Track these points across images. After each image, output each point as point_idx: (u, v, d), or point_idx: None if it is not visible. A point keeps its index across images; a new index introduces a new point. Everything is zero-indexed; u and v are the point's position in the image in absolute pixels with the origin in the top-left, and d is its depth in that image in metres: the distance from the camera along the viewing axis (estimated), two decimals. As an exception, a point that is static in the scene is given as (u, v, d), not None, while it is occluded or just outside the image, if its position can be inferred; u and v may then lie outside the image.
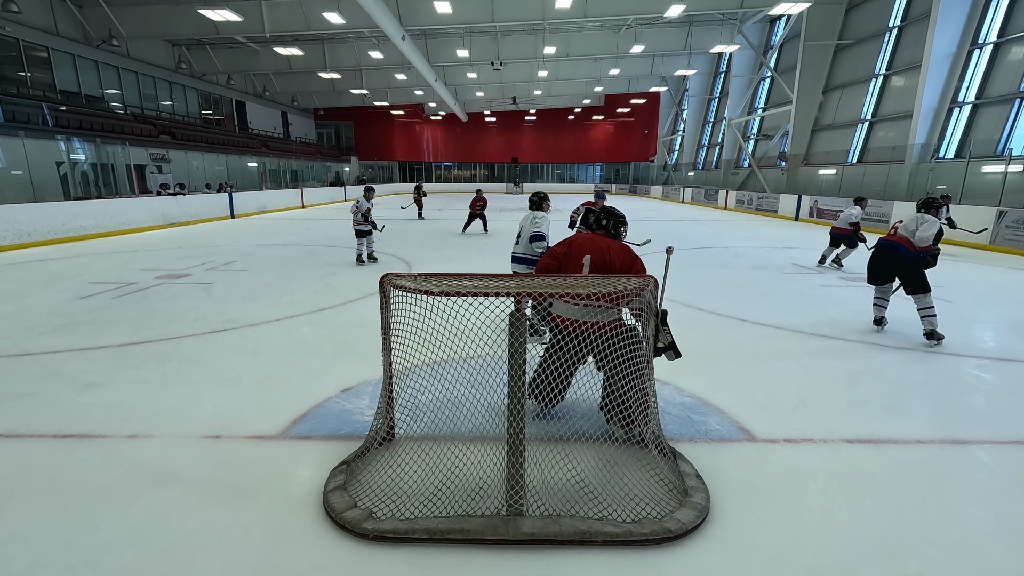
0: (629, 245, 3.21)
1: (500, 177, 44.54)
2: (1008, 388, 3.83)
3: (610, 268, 3.01)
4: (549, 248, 3.19)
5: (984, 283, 7.57)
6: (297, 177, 27.79)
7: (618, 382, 2.79)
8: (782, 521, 2.29)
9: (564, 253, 3.12)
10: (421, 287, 2.44)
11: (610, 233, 3.22)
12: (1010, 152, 12.60)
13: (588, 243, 3.10)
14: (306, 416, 3.23)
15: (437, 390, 3.05)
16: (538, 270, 3.16)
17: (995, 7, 13.82)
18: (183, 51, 24.21)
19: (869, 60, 18.15)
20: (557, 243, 3.19)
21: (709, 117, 31.86)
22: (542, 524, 2.19)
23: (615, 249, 3.06)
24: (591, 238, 3.13)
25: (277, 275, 7.79)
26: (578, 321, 2.86)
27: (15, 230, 10.32)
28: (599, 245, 3.07)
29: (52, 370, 4.00)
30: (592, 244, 3.08)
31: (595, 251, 3.05)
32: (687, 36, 23.79)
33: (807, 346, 4.70)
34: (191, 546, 2.11)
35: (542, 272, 3.11)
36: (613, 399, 2.87)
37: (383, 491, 2.41)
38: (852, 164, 18.25)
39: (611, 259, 3.02)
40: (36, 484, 2.53)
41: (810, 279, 7.70)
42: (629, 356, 2.66)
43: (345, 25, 18.18)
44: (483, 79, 30.16)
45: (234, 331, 4.99)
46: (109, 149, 16.39)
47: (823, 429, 3.12)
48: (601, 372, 2.99)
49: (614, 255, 3.03)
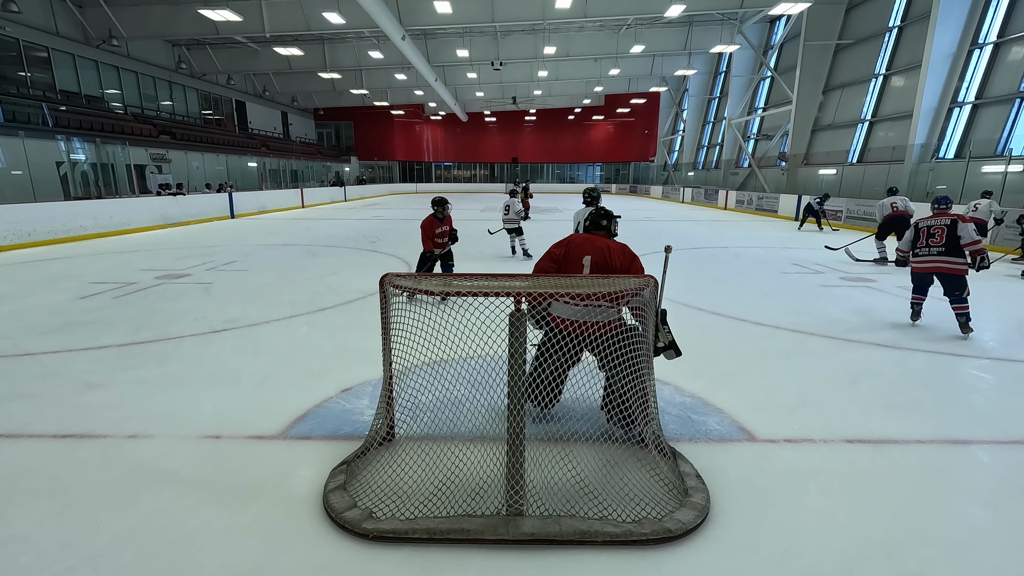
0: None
1: (500, 177, 44.52)
2: (1008, 388, 3.83)
3: (610, 268, 3.00)
4: (548, 250, 3.18)
5: (984, 283, 7.57)
6: (297, 177, 27.80)
7: (619, 382, 2.79)
8: (782, 521, 2.29)
9: (563, 255, 3.10)
10: (421, 287, 2.44)
11: (609, 233, 3.24)
12: (1010, 152, 12.60)
13: (587, 244, 3.09)
14: (306, 416, 3.23)
15: (437, 390, 3.05)
16: (537, 271, 3.15)
17: (995, 7, 13.82)
18: (183, 51, 24.21)
19: (869, 60, 18.15)
20: (553, 245, 3.18)
21: (709, 117, 31.86)
22: (542, 524, 2.19)
23: (614, 249, 3.07)
24: (589, 238, 3.13)
25: (277, 275, 7.79)
26: (578, 322, 2.86)
27: (15, 230, 10.32)
28: (598, 245, 3.07)
29: (52, 370, 4.00)
30: (591, 244, 3.08)
31: (594, 251, 3.04)
32: (687, 36, 23.79)
33: (807, 346, 4.70)
34: (191, 546, 2.11)
35: (541, 274, 3.10)
36: (614, 399, 2.86)
37: (383, 491, 2.41)
38: (852, 164, 18.25)
39: (611, 259, 3.02)
40: (36, 484, 2.53)
41: (810, 279, 7.70)
42: (630, 356, 2.66)
43: (345, 25, 18.18)
44: (483, 79, 30.16)
45: (234, 331, 4.99)
46: (109, 149, 16.39)
47: (823, 429, 3.11)
48: (603, 372, 2.99)
49: (614, 255, 3.04)
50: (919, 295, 5.27)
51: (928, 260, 5.08)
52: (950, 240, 4.97)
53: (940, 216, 5.15)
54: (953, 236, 4.96)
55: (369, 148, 41.67)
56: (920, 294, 5.27)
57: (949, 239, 4.98)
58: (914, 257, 5.24)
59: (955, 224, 4.99)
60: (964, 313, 4.92)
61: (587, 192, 5.09)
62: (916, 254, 5.21)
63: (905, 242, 5.36)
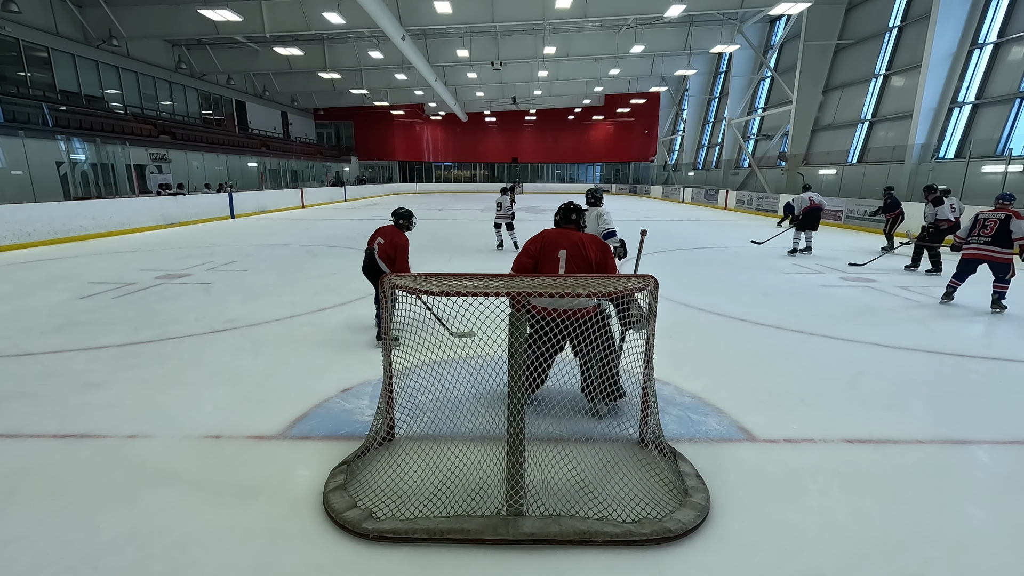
0: None
1: (500, 177, 44.49)
2: (1008, 388, 3.83)
3: (586, 259, 3.11)
4: (523, 247, 3.28)
5: (984, 283, 7.57)
6: (297, 177, 27.79)
7: (595, 362, 2.99)
8: (782, 521, 2.29)
9: (539, 250, 3.19)
10: (421, 287, 2.44)
11: (578, 226, 3.38)
12: (1010, 152, 12.60)
13: (561, 238, 3.19)
14: (306, 416, 3.23)
15: (437, 390, 3.06)
16: (516, 268, 3.23)
17: (995, 7, 13.81)
18: (183, 51, 24.21)
19: (869, 60, 18.15)
20: (528, 241, 3.28)
21: (709, 117, 31.84)
22: (542, 524, 2.19)
23: (587, 241, 3.18)
24: (562, 233, 3.23)
25: (277, 275, 7.79)
26: (557, 310, 2.95)
27: (15, 230, 10.32)
28: (572, 239, 3.17)
29: (52, 370, 4.00)
30: (565, 238, 3.18)
31: (569, 244, 3.14)
32: (687, 36, 23.78)
33: (807, 346, 4.70)
34: (191, 546, 2.11)
35: (520, 270, 3.19)
36: (593, 379, 3.05)
37: (383, 491, 2.41)
38: (852, 164, 18.25)
39: (586, 251, 3.13)
40: (36, 484, 2.53)
41: (810, 279, 7.69)
42: (601, 338, 2.87)
43: (345, 25, 18.17)
44: (483, 79, 30.15)
45: (234, 331, 4.99)
46: (109, 149, 16.39)
47: (823, 429, 3.11)
48: (578, 358, 3.16)
49: (588, 247, 3.14)
50: (958, 280, 6.01)
51: (976, 248, 5.80)
52: (1000, 232, 5.64)
53: (999, 211, 5.78)
54: (1005, 229, 5.61)
55: (369, 148, 41.66)
56: (959, 280, 6.00)
57: (999, 231, 5.65)
58: (965, 245, 5.95)
59: (1008, 219, 5.62)
60: (1001, 292, 5.67)
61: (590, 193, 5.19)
62: (968, 242, 5.92)
63: (964, 230, 6.07)
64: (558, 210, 3.42)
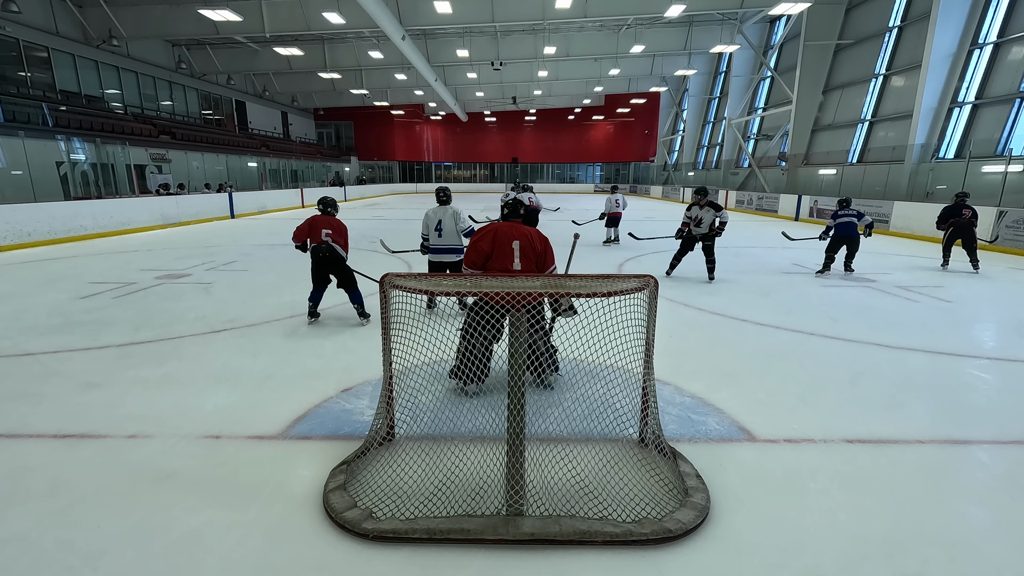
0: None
1: (500, 177, 44.51)
2: (1008, 388, 3.83)
3: (534, 249, 3.47)
4: (472, 242, 3.53)
5: (984, 283, 7.57)
6: (297, 177, 27.78)
7: (536, 341, 3.14)
8: (782, 521, 2.29)
9: (492, 242, 3.44)
10: (421, 287, 2.44)
11: (524, 221, 3.68)
12: (1010, 152, 12.59)
13: (512, 230, 3.48)
14: (306, 416, 3.23)
15: (437, 390, 3.06)
16: (468, 262, 3.50)
17: (995, 7, 13.81)
18: (183, 51, 24.20)
19: (869, 60, 18.14)
20: (477, 238, 3.51)
21: (709, 117, 31.85)
22: (542, 524, 2.19)
23: (534, 234, 3.52)
24: (513, 226, 3.53)
25: (277, 275, 7.79)
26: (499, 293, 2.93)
27: (15, 230, 10.32)
28: (522, 232, 3.48)
29: (52, 370, 4.00)
30: (517, 231, 3.48)
31: (521, 237, 3.46)
32: (687, 36, 23.78)
33: (807, 346, 4.70)
34: (191, 546, 2.11)
35: (471, 265, 3.47)
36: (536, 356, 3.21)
37: (383, 491, 2.41)
38: (852, 164, 18.25)
39: (534, 242, 3.47)
40: (36, 484, 2.53)
41: (810, 279, 7.70)
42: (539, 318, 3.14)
43: (345, 25, 18.18)
44: (483, 79, 30.16)
45: (234, 331, 4.99)
46: (109, 149, 16.38)
47: (823, 429, 3.11)
48: None
49: (535, 239, 3.50)
50: None
51: None
52: None
53: None
54: None
55: (369, 148, 41.66)
56: None
57: None
58: None
59: None
60: None
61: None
62: None
63: None
64: (506, 204, 3.70)
